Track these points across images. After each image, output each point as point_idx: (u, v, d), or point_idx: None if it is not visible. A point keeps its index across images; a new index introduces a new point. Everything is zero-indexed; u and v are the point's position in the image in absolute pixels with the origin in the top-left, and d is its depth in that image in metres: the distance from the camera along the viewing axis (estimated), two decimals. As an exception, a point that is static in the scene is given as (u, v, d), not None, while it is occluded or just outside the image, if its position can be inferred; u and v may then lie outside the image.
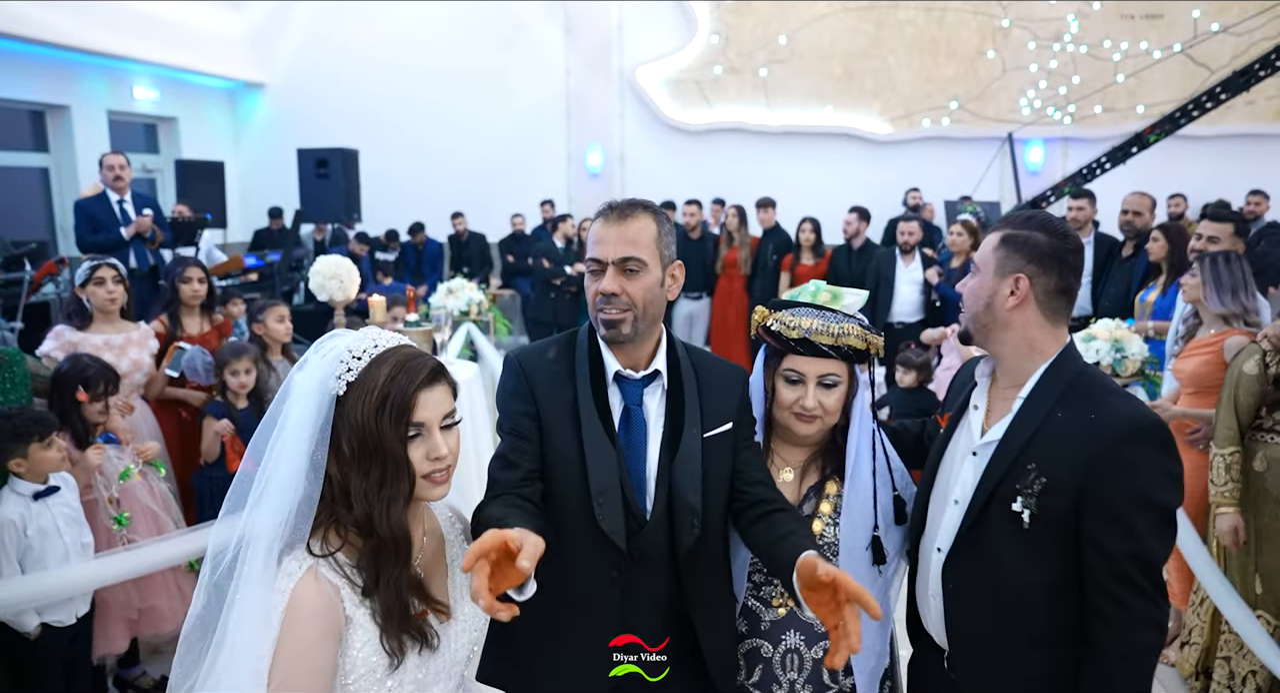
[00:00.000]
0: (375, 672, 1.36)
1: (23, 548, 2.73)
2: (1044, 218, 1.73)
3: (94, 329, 3.64)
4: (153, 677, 3.51)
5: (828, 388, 1.76)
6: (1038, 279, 1.66)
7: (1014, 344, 1.70)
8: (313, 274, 3.75)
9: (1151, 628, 1.56)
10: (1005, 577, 1.64)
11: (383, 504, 1.35)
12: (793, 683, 1.80)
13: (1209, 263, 3.52)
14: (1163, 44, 10.11)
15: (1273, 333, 3.09)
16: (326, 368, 1.37)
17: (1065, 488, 1.58)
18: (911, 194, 9.88)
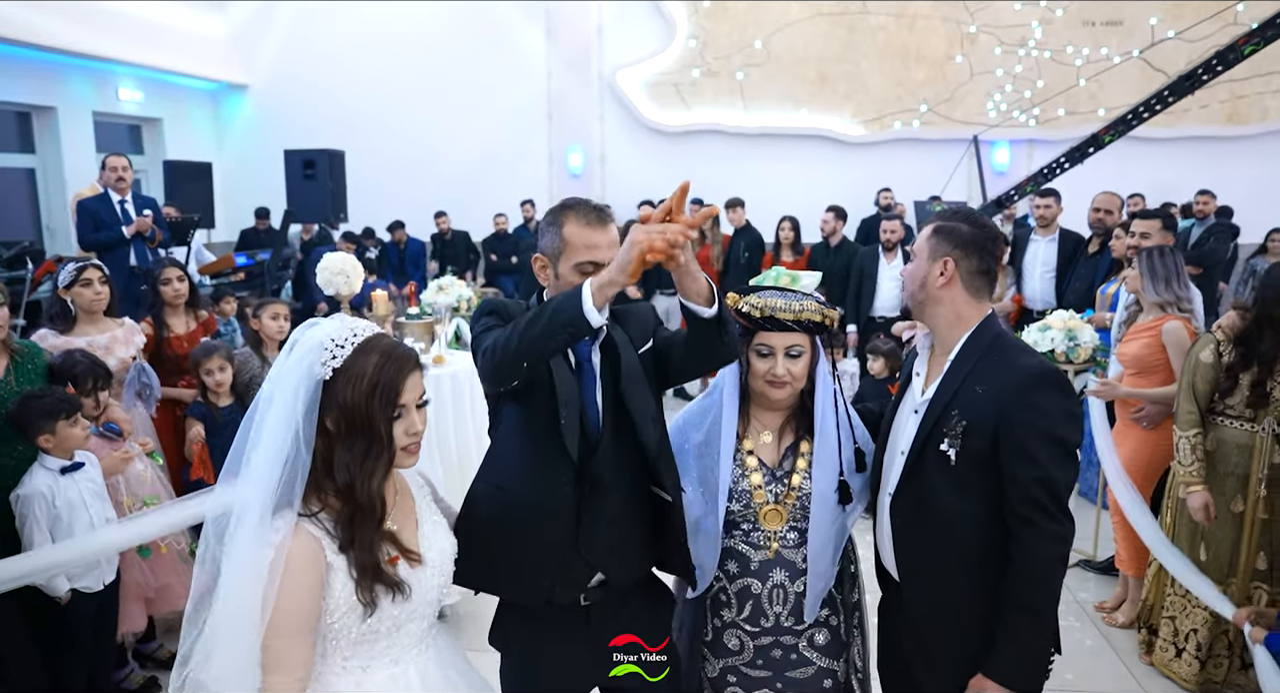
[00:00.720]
0: (355, 610, 1.56)
1: (52, 518, 2.93)
2: (968, 212, 2.05)
3: (77, 331, 3.65)
4: (169, 649, 3.70)
5: (794, 357, 2.02)
6: (962, 262, 1.97)
7: (944, 317, 2.00)
8: (320, 270, 3.95)
9: (1056, 541, 1.83)
10: (939, 509, 1.92)
11: (365, 475, 1.55)
12: (778, 616, 2.06)
13: (1145, 256, 3.83)
14: (1122, 50, 10.52)
15: (1226, 324, 3.33)
16: (310, 355, 1.56)
17: (983, 429, 1.86)
18: (883, 194, 10.20)
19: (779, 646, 2.08)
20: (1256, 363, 3.14)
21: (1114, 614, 3.98)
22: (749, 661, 2.09)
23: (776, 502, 2.05)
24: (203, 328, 4.22)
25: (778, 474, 2.07)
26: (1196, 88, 7.62)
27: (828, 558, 2.04)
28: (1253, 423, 3.20)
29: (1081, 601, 4.19)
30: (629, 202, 11.17)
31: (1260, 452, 3.18)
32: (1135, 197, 9.49)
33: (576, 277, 1.86)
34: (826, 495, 2.01)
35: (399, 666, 1.64)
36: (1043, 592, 1.85)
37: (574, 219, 1.90)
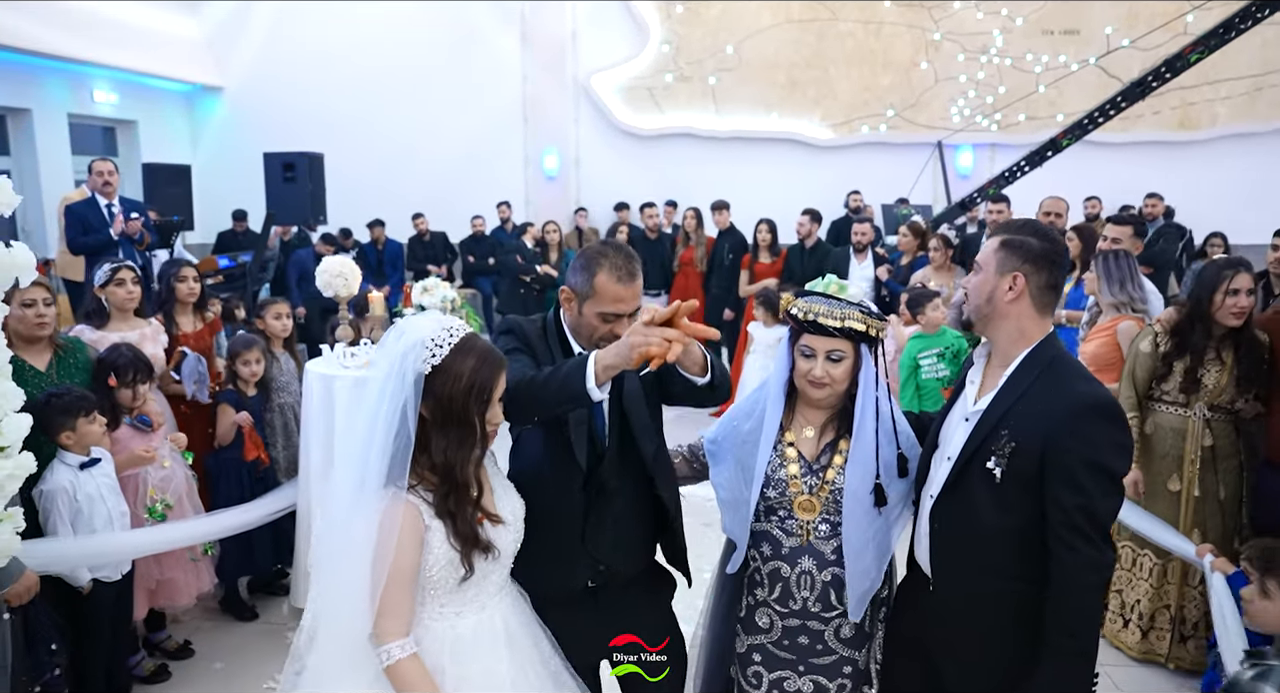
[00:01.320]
0: (451, 565, 1.80)
1: (74, 512, 3.09)
2: (1036, 224, 2.05)
3: (111, 327, 3.85)
4: (176, 640, 3.85)
5: (834, 361, 2.10)
6: (1032, 276, 1.97)
7: (1008, 331, 2.01)
8: (320, 273, 4.11)
9: (1095, 570, 1.87)
10: (979, 521, 1.97)
11: (462, 460, 1.80)
12: (805, 600, 2.18)
13: (1102, 260, 4.12)
14: (1079, 57, 10.92)
15: (1164, 318, 3.64)
16: (412, 352, 1.76)
17: (1031, 451, 1.89)
18: (853, 197, 10.50)
19: (806, 631, 2.21)
20: (1188, 353, 3.42)
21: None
22: (776, 640, 2.23)
23: (810, 493, 2.16)
24: (209, 328, 4.37)
25: (814, 467, 2.18)
26: (1148, 93, 8.00)
27: (869, 558, 2.12)
28: (1186, 408, 3.50)
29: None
30: (604, 203, 11.40)
31: (1192, 434, 3.48)
32: (1092, 199, 9.88)
33: (598, 321, 2.08)
34: (860, 494, 2.10)
35: (485, 612, 1.89)
36: (1082, 618, 1.89)
37: (607, 270, 2.05)
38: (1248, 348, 3.39)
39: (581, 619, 2.14)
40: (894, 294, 6.75)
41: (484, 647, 1.86)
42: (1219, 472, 3.51)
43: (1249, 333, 3.40)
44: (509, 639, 1.90)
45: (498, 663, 1.86)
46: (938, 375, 4.92)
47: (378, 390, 1.77)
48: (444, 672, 1.79)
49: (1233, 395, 3.44)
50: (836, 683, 2.22)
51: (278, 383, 4.35)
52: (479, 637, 1.86)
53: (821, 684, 2.22)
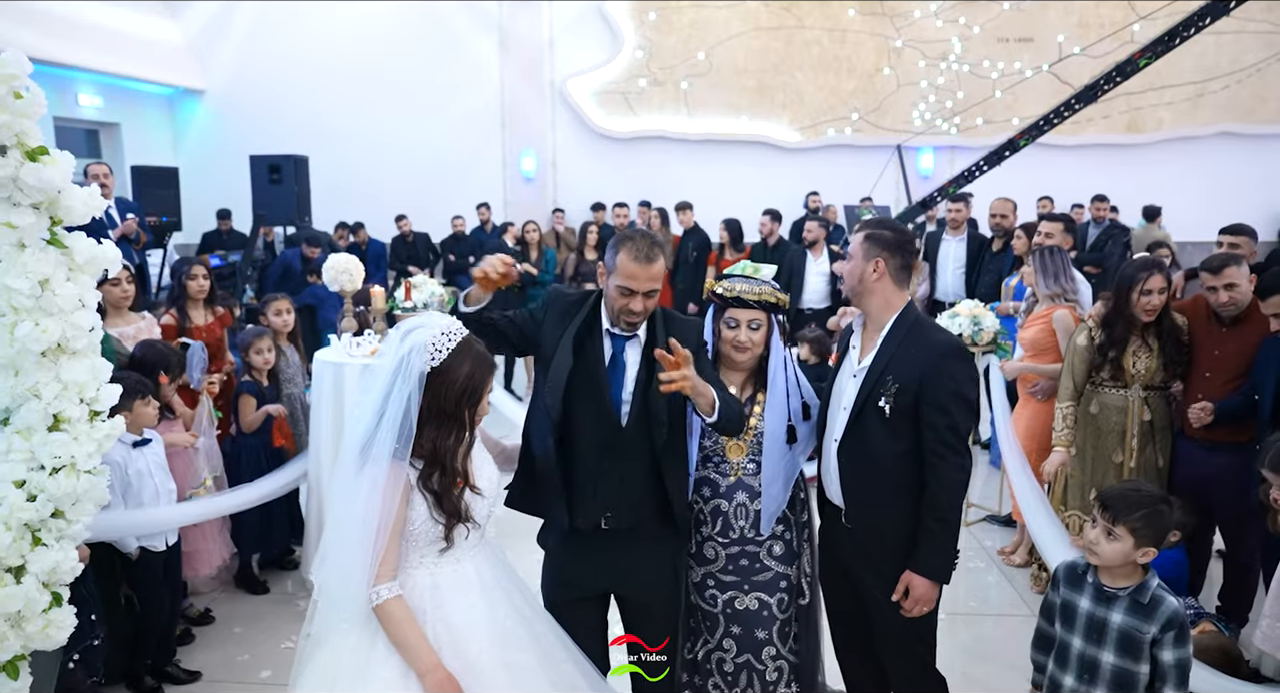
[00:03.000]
0: (428, 523, 2.06)
1: (124, 485, 3.39)
2: (888, 221, 2.69)
3: (106, 324, 3.94)
4: (198, 608, 4.18)
5: (754, 329, 2.62)
6: (889, 260, 2.54)
7: (877, 303, 2.58)
8: (326, 269, 4.45)
9: (960, 470, 2.45)
10: (877, 450, 2.51)
11: (450, 452, 2.08)
12: (742, 529, 2.66)
13: (1037, 256, 4.56)
14: (1033, 64, 11.46)
15: (1095, 313, 4.09)
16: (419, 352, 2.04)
17: (909, 388, 2.46)
18: (812, 198, 10.95)
19: (745, 554, 2.67)
20: (1114, 343, 3.87)
21: (1012, 556, 4.71)
22: (722, 567, 2.68)
23: (738, 438, 2.65)
24: (219, 322, 4.67)
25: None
26: (1100, 96, 8.45)
27: (779, 484, 2.64)
28: (1125, 389, 3.93)
29: (987, 548, 4.91)
30: (580, 204, 11.74)
31: (1132, 411, 3.92)
32: (1044, 199, 10.37)
33: (616, 294, 2.39)
34: (776, 434, 2.61)
35: (460, 564, 2.18)
36: (951, 507, 2.46)
37: (627, 250, 2.36)
38: (1168, 335, 3.83)
39: (594, 552, 2.51)
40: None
41: (461, 591, 2.14)
42: (1157, 443, 3.92)
43: (1169, 322, 3.84)
44: (482, 587, 2.18)
45: (473, 606, 2.11)
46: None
47: (387, 380, 2.05)
48: (425, 613, 2.07)
49: (1164, 376, 3.87)
50: (776, 597, 2.69)
51: (284, 374, 4.64)
52: (456, 584, 2.14)
53: (764, 601, 2.69)
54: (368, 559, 2.02)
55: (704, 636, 2.74)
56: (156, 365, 3.78)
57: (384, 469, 2.02)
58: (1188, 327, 3.87)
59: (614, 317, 2.45)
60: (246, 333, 4.51)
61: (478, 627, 2.10)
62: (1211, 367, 3.76)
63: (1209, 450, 3.76)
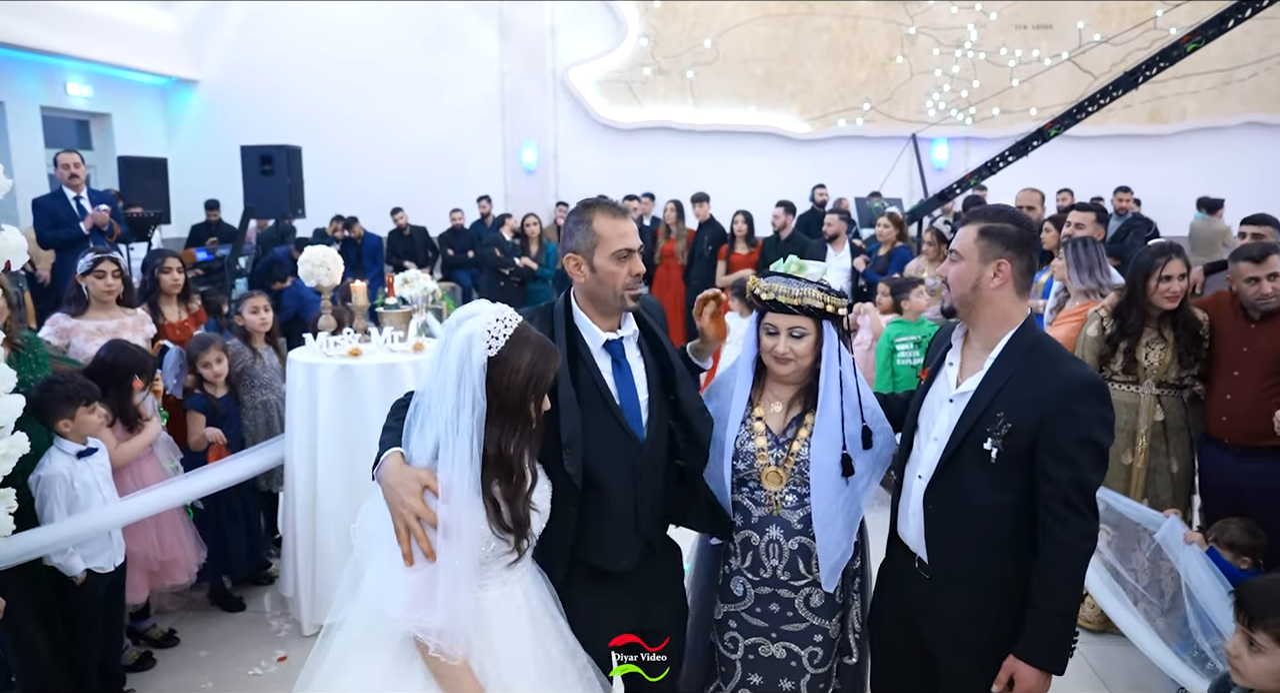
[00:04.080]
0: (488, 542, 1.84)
1: (71, 500, 3.09)
2: (1011, 211, 2.12)
3: (89, 316, 3.86)
4: (161, 629, 3.87)
5: (796, 338, 2.21)
6: (1014, 263, 2.04)
7: (991, 317, 2.08)
8: (302, 263, 4.12)
9: (1085, 539, 1.97)
10: (974, 500, 2.04)
11: (518, 451, 1.83)
12: (775, 569, 2.27)
13: (1070, 247, 4.22)
14: (1052, 52, 11.08)
15: (1108, 303, 3.78)
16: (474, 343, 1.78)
17: (1025, 430, 1.97)
18: (818, 191, 10.60)
19: (776, 599, 2.28)
20: (1126, 334, 3.55)
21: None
22: (749, 608, 2.31)
23: (777, 465, 2.24)
24: (194, 319, 4.37)
25: (780, 441, 2.26)
26: (1140, 83, 8.07)
27: (837, 528, 2.20)
28: (1137, 385, 3.62)
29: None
30: (583, 197, 11.38)
31: (1144, 409, 3.62)
32: (1064, 191, 10.02)
33: (615, 265, 2.07)
34: (825, 465, 2.19)
35: (508, 586, 1.93)
36: (1070, 583, 1.99)
37: (602, 213, 2.09)
38: (1184, 327, 3.53)
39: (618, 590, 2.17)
40: (871, 284, 6.85)
41: (507, 618, 1.91)
42: (1170, 446, 3.63)
43: (1186, 313, 3.55)
44: (531, 615, 1.95)
45: (519, 635, 1.91)
46: (913, 363, 5.01)
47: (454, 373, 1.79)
48: (469, 644, 1.82)
49: (1178, 372, 3.58)
50: (808, 650, 2.30)
51: (260, 379, 4.28)
52: (502, 609, 1.90)
53: (793, 651, 2.30)
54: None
55: (717, 681, 2.40)
56: (130, 370, 3.49)
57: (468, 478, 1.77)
58: (1209, 323, 3.58)
59: (616, 297, 2.12)
60: (191, 343, 4.13)
61: (526, 665, 1.88)
62: (1240, 366, 3.45)
63: (1239, 456, 3.44)
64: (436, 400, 1.81)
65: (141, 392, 3.54)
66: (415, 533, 1.78)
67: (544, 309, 2.22)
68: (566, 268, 2.15)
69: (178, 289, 4.33)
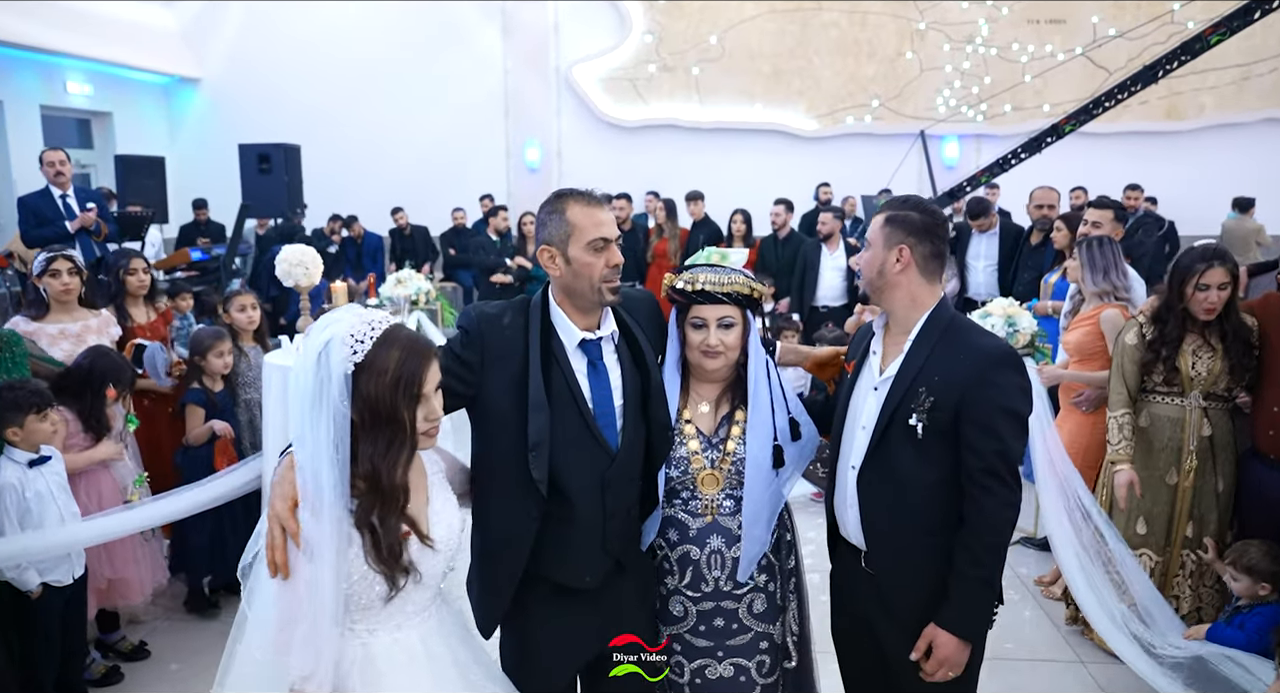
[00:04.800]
0: (365, 579, 1.66)
1: (22, 510, 2.96)
2: (916, 200, 2.17)
3: (50, 319, 3.71)
4: (131, 641, 3.72)
5: (725, 328, 2.13)
6: (916, 248, 2.08)
7: (901, 300, 2.12)
8: (279, 262, 3.97)
9: (1009, 506, 2.00)
10: (905, 479, 2.06)
11: (390, 465, 1.63)
12: (717, 580, 2.16)
13: (1084, 248, 4.02)
14: (1065, 47, 10.85)
15: (1147, 307, 3.54)
16: (334, 350, 1.60)
17: (947, 403, 2.00)
18: (822, 189, 10.41)
19: (720, 612, 2.17)
20: (1166, 341, 3.34)
21: (1051, 587, 4.16)
22: (691, 628, 2.19)
23: (713, 467, 2.16)
24: (162, 319, 4.25)
25: (714, 441, 2.18)
26: (1161, 77, 7.84)
27: (763, 522, 2.16)
28: (1181, 397, 3.38)
29: (1022, 576, 4.37)
30: (587, 196, 11.26)
31: (1190, 424, 3.37)
32: (1077, 190, 9.79)
33: (592, 256, 1.95)
34: (760, 460, 2.12)
35: (402, 631, 1.74)
36: (993, 552, 2.03)
37: (575, 202, 1.98)
38: (1234, 335, 3.29)
39: (584, 611, 2.05)
40: (867, 283, 6.67)
41: (399, 668, 1.71)
42: (1218, 463, 3.38)
43: (1235, 319, 3.30)
44: (430, 663, 1.76)
45: (415, 688, 1.72)
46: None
47: (310, 396, 1.61)
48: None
49: (1228, 383, 3.33)
50: (755, 661, 2.20)
51: (245, 378, 4.19)
52: (394, 657, 1.72)
53: (742, 666, 2.19)
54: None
55: None
56: (106, 376, 3.37)
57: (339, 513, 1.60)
58: (1259, 328, 3.31)
59: (594, 290, 1.98)
60: (203, 333, 4.04)
61: None
62: (1291, 374, 3.20)
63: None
64: (295, 416, 1.62)
65: (115, 400, 3.41)
66: (274, 542, 1.61)
67: (520, 302, 2.08)
68: (540, 261, 2.02)
69: (143, 290, 4.22)
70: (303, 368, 1.63)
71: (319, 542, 1.58)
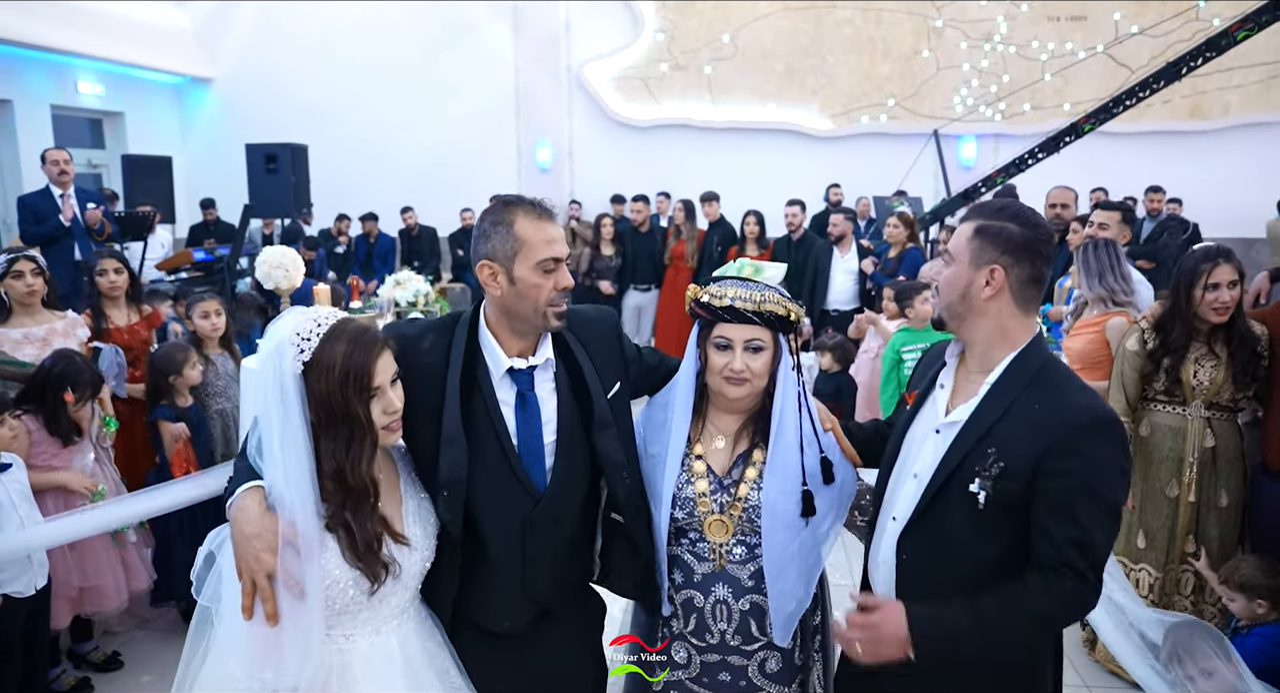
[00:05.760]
0: (339, 584, 1.62)
1: (-20, 518, 2.88)
2: (1016, 208, 1.78)
3: (13, 323, 3.64)
4: (104, 651, 3.66)
5: (754, 352, 1.89)
6: (1012, 269, 1.71)
7: (986, 331, 1.75)
8: (259, 263, 3.90)
9: (1073, 606, 1.64)
10: (956, 551, 1.71)
11: (353, 461, 1.60)
12: (723, 633, 1.95)
13: (1081, 252, 3.86)
14: (1086, 45, 10.58)
15: (1150, 313, 3.41)
16: (280, 352, 1.58)
17: (1021, 472, 1.64)
18: (833, 190, 10.22)
19: (726, 667, 1.97)
20: (1170, 350, 3.17)
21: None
22: (694, 677, 2.00)
23: (721, 513, 1.93)
24: (145, 322, 4.15)
25: (725, 483, 1.96)
26: (1184, 74, 7.57)
27: (790, 576, 1.90)
28: (1183, 406, 3.23)
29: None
30: (599, 196, 11.15)
31: (1191, 435, 3.23)
32: (1098, 190, 9.55)
33: (540, 277, 1.78)
34: (779, 508, 1.88)
35: (380, 635, 1.70)
36: (1027, 623, 1.66)
37: (525, 215, 1.79)
38: (1240, 342, 3.14)
39: (509, 654, 1.89)
40: (879, 288, 6.50)
41: (375, 674, 1.67)
42: (1221, 476, 3.25)
43: (1241, 325, 3.16)
44: (407, 666, 1.71)
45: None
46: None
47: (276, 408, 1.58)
48: None
49: (1232, 393, 3.19)
50: None
51: (213, 388, 4.04)
52: (371, 663, 1.67)
53: None
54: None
55: None
56: (64, 380, 3.30)
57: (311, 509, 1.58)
58: (1268, 338, 3.16)
59: (538, 314, 1.80)
60: (170, 350, 3.88)
61: None
62: (1306, 388, 3.03)
63: (1302, 491, 3.03)
64: (264, 426, 1.59)
65: (75, 405, 3.33)
66: (263, 592, 1.53)
67: (445, 322, 1.91)
68: (480, 277, 1.83)
69: (118, 292, 4.09)
70: (261, 384, 1.60)
71: (309, 578, 1.55)
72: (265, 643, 1.54)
